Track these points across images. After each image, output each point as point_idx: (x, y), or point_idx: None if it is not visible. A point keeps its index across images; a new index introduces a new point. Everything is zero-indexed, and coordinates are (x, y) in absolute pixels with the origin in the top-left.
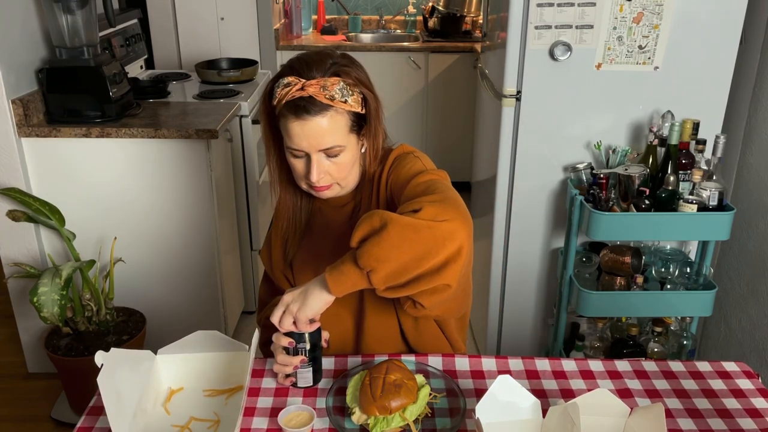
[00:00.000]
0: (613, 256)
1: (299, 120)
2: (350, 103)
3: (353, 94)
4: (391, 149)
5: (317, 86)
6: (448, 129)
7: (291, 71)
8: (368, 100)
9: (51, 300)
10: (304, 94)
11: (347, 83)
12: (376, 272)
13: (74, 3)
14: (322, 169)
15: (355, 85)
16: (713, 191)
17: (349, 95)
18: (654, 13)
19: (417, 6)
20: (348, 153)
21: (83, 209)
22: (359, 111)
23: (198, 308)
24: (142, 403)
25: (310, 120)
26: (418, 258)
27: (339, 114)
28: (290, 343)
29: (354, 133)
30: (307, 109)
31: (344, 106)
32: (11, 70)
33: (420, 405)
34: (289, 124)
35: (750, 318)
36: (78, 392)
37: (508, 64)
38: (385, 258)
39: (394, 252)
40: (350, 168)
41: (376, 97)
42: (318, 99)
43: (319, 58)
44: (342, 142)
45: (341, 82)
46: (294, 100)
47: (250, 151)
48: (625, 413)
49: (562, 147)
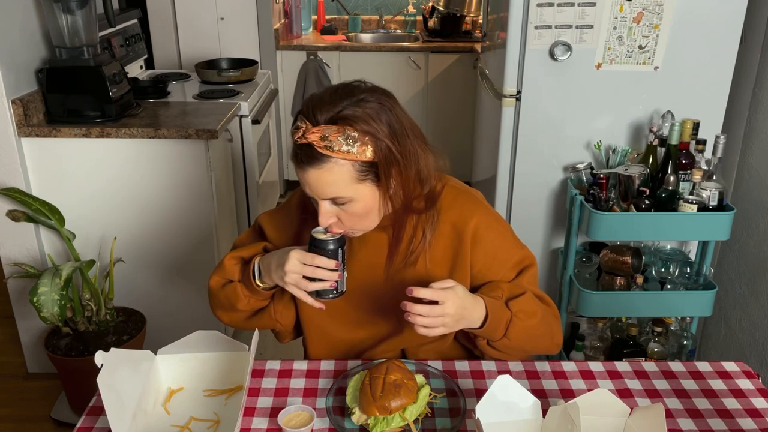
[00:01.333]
0: (613, 256)
1: (300, 168)
2: (354, 153)
3: (359, 143)
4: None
5: (317, 135)
6: (448, 129)
7: (302, 112)
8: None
9: (51, 300)
10: (304, 142)
11: (350, 132)
12: (507, 342)
13: (74, 3)
14: (329, 215)
15: (362, 134)
16: (713, 191)
17: (353, 144)
18: (654, 13)
19: (417, 6)
20: (358, 203)
21: (83, 209)
22: (370, 159)
23: (198, 308)
24: (142, 403)
25: (309, 170)
26: (535, 349)
27: (339, 165)
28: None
29: (367, 181)
30: (304, 159)
31: (346, 156)
32: (11, 70)
33: (420, 405)
34: (295, 168)
35: (750, 318)
36: (78, 392)
37: (508, 64)
38: (522, 339)
39: (526, 336)
40: (364, 217)
41: (390, 147)
42: (316, 148)
43: (331, 100)
44: (346, 193)
45: (345, 130)
46: (296, 147)
47: (250, 151)
48: (625, 413)
49: (562, 147)
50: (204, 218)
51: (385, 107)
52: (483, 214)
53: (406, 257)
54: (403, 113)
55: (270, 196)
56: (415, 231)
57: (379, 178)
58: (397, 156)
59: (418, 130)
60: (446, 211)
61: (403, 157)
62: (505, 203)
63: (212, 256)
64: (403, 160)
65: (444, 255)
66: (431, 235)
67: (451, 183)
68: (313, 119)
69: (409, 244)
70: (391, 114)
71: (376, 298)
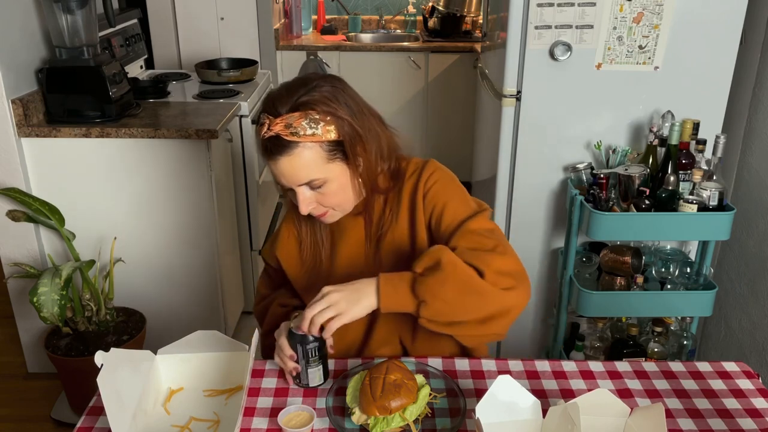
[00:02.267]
0: (613, 256)
1: (272, 160)
2: (319, 134)
3: (322, 124)
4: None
5: (282, 124)
6: (448, 129)
7: (263, 109)
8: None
9: (51, 300)
10: (271, 134)
11: (312, 115)
12: (428, 306)
13: (74, 3)
14: (308, 200)
15: (324, 115)
16: (713, 191)
17: (317, 126)
18: (654, 13)
19: (417, 6)
20: (333, 183)
21: (83, 209)
22: (335, 138)
23: (198, 308)
24: (142, 403)
25: (280, 160)
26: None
27: (308, 149)
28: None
29: (336, 160)
30: (273, 150)
31: (313, 139)
32: (11, 70)
33: (420, 405)
34: (267, 163)
35: (750, 318)
36: (78, 392)
37: (508, 64)
38: (442, 298)
39: (451, 296)
40: (341, 194)
41: (351, 123)
42: (283, 137)
43: (287, 92)
44: (319, 174)
45: (307, 115)
46: (263, 141)
47: (250, 151)
48: (625, 413)
49: (562, 147)
50: (204, 218)
51: (338, 89)
52: (434, 171)
53: (378, 236)
54: (356, 94)
55: (270, 196)
56: (383, 210)
57: (347, 156)
58: (359, 131)
59: (374, 110)
60: (406, 182)
61: (364, 133)
62: (505, 203)
63: (212, 256)
64: (365, 136)
65: (406, 225)
66: (397, 210)
67: (415, 160)
68: (275, 112)
69: (379, 221)
70: (345, 95)
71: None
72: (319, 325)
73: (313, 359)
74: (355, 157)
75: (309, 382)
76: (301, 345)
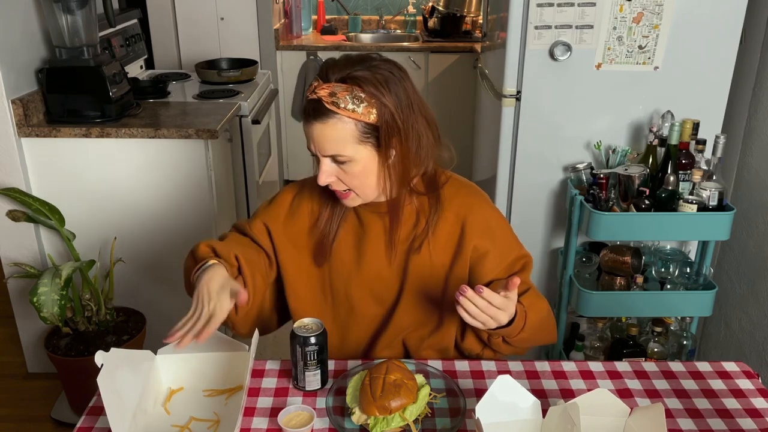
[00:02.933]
0: (613, 256)
1: (307, 122)
2: (360, 112)
3: (364, 104)
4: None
5: (326, 90)
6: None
7: (319, 72)
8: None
9: (51, 300)
10: (315, 97)
11: (357, 92)
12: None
13: (74, 3)
14: (329, 173)
15: (369, 96)
16: (713, 191)
17: (358, 104)
18: (654, 13)
19: (417, 6)
20: (357, 164)
21: (83, 209)
22: (373, 122)
23: None
24: (142, 403)
25: (314, 124)
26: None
27: (343, 123)
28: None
29: (367, 144)
30: (311, 113)
31: (350, 115)
32: (11, 70)
33: (420, 405)
34: (303, 124)
35: (750, 318)
36: (78, 392)
37: (508, 64)
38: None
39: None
40: (362, 178)
41: (394, 114)
42: (323, 104)
43: (345, 63)
44: (346, 152)
45: (353, 89)
46: (306, 102)
47: (250, 151)
48: (625, 413)
49: (562, 147)
50: (204, 218)
51: (395, 77)
52: (486, 208)
53: (410, 244)
54: (413, 89)
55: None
56: (418, 219)
57: (380, 143)
58: (399, 125)
59: (428, 112)
60: (450, 201)
61: (404, 128)
62: (505, 203)
63: None
64: (404, 131)
65: (447, 243)
66: (433, 225)
67: (455, 177)
68: (325, 77)
69: (412, 231)
70: (400, 85)
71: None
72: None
73: (311, 362)
74: (387, 148)
75: (306, 385)
76: (301, 347)
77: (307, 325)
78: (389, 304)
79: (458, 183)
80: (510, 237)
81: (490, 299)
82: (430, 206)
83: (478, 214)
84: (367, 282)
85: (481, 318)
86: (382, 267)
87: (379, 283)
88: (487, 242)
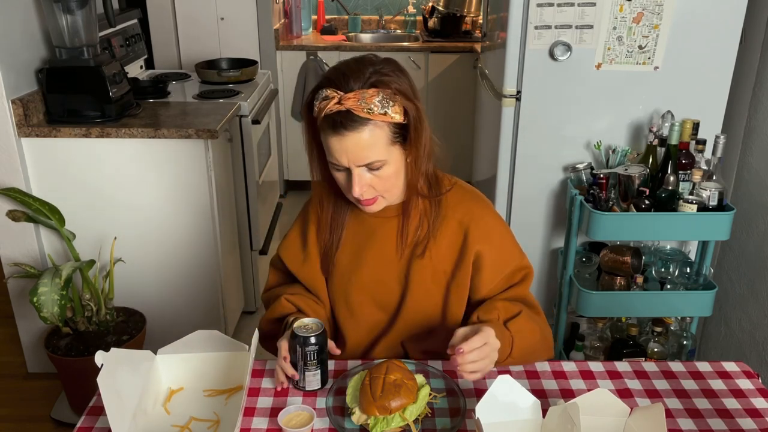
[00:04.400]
0: (613, 256)
1: (337, 135)
2: (390, 114)
3: (393, 104)
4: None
5: (355, 99)
6: (448, 129)
7: (329, 83)
8: (408, 111)
9: (51, 300)
10: (342, 108)
11: (386, 94)
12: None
13: (74, 3)
14: (364, 183)
15: (395, 95)
16: (713, 191)
17: (389, 106)
18: (654, 13)
19: (417, 6)
20: (391, 166)
21: (83, 209)
22: (401, 121)
23: (198, 308)
24: (142, 403)
25: (348, 135)
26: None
27: (378, 127)
28: (293, 375)
29: (397, 144)
30: (345, 125)
31: (384, 119)
32: (11, 70)
33: (420, 405)
34: (329, 139)
35: (750, 318)
36: (78, 392)
37: (508, 64)
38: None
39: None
40: (394, 180)
41: (417, 107)
42: (356, 113)
43: (357, 68)
44: (383, 156)
45: (380, 93)
46: (332, 115)
47: (250, 151)
48: (625, 413)
49: (562, 147)
50: (204, 218)
51: (403, 73)
52: (490, 216)
53: (413, 248)
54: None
55: (270, 196)
56: (421, 222)
57: (406, 140)
58: (421, 116)
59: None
60: (453, 207)
61: (423, 122)
62: (505, 203)
63: (212, 256)
64: (423, 125)
65: (449, 250)
66: (435, 228)
67: (460, 183)
68: (345, 87)
69: (415, 235)
70: (407, 78)
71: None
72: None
73: (311, 362)
74: (412, 145)
75: (306, 385)
76: (301, 347)
77: (307, 325)
78: (391, 310)
79: (463, 190)
80: (511, 247)
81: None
82: (432, 210)
83: (481, 222)
84: (368, 287)
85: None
86: (388, 269)
87: (381, 288)
88: (487, 251)
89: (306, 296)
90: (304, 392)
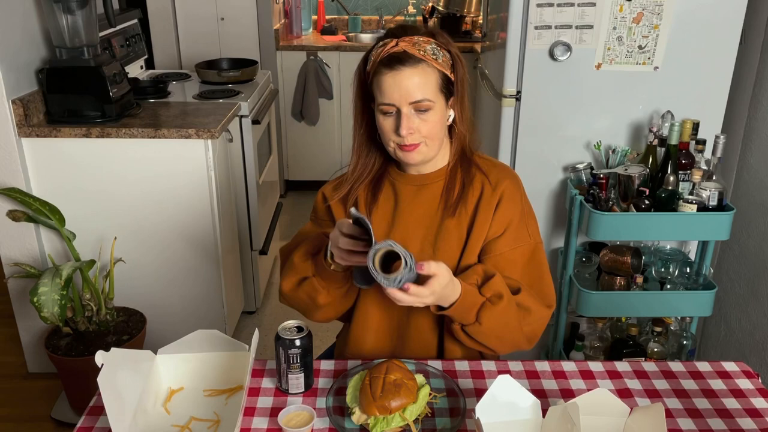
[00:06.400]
0: (613, 256)
1: (392, 71)
2: (440, 62)
3: (443, 56)
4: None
5: (410, 42)
6: None
7: (387, 35)
8: (456, 66)
9: (51, 300)
10: (398, 50)
11: (438, 44)
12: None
13: (74, 3)
14: (412, 125)
15: (445, 47)
16: (713, 191)
17: (440, 55)
18: (654, 13)
19: (417, 6)
20: (437, 112)
21: (83, 209)
22: (448, 73)
23: (198, 308)
24: (142, 403)
25: (403, 70)
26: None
27: (430, 68)
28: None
29: (443, 94)
30: (401, 60)
31: (435, 64)
32: (11, 70)
33: (420, 405)
34: (383, 78)
35: (750, 318)
36: (78, 392)
37: (508, 64)
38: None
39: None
40: (438, 127)
41: (464, 69)
42: (411, 52)
43: (413, 26)
44: (432, 97)
45: (432, 42)
46: (388, 55)
47: (250, 151)
48: (625, 413)
49: (562, 147)
50: (204, 218)
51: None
52: (514, 183)
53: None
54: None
55: (270, 196)
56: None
57: (448, 98)
58: (467, 77)
59: None
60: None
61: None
62: None
63: (212, 256)
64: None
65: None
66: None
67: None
68: (402, 35)
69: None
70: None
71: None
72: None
73: (294, 365)
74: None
75: (288, 388)
76: (284, 349)
77: (291, 327)
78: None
79: (489, 159)
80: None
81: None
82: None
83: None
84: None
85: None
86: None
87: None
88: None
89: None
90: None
